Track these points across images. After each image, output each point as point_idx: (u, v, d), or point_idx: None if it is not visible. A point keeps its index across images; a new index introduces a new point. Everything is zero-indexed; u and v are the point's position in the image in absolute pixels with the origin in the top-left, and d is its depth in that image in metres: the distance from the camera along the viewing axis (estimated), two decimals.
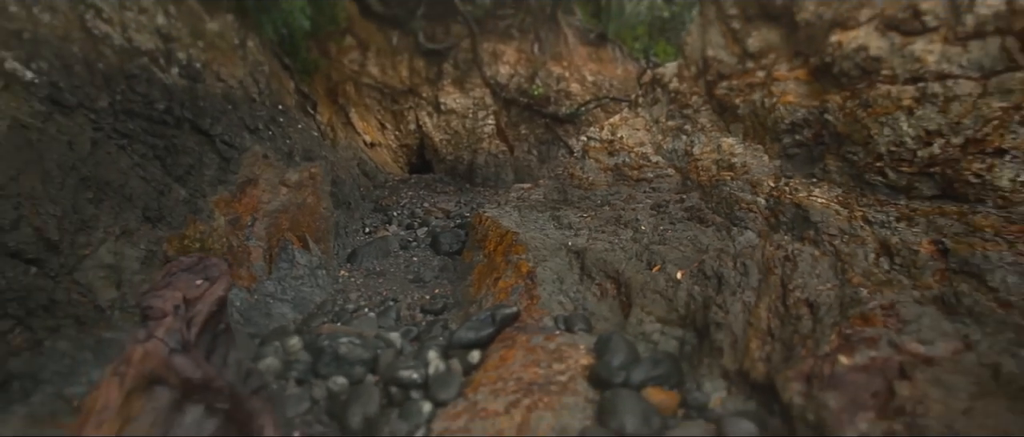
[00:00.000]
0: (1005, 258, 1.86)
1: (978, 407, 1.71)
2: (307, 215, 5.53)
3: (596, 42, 9.69)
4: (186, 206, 4.16)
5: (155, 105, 4.08)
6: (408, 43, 9.42)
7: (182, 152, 4.28)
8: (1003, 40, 2.12)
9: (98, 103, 3.62)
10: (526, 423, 2.27)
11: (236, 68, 5.28)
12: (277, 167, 5.25)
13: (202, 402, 1.96)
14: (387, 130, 9.58)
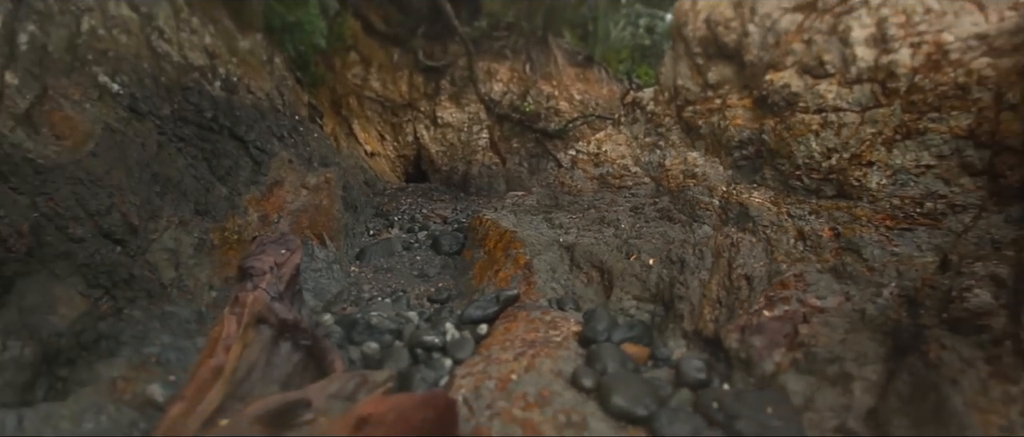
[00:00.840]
0: (873, 237, 2.67)
1: (850, 338, 2.50)
2: (323, 215, 6.21)
3: (584, 64, 10.60)
4: (226, 202, 4.82)
5: (204, 113, 4.77)
6: (408, 60, 10.21)
7: (223, 155, 4.96)
8: (872, 86, 2.97)
9: (162, 111, 4.30)
10: (532, 366, 3.00)
11: (264, 82, 5.99)
12: (299, 171, 5.93)
13: (291, 339, 2.66)
14: (386, 141, 10.30)
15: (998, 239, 2.18)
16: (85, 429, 2.62)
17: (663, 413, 2.47)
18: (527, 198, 6.03)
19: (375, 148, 10.08)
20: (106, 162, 3.65)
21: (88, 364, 3.25)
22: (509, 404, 2.65)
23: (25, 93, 3.37)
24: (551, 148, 9.47)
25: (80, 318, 3.35)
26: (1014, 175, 2.33)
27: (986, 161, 2.50)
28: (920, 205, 2.63)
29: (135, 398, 3.00)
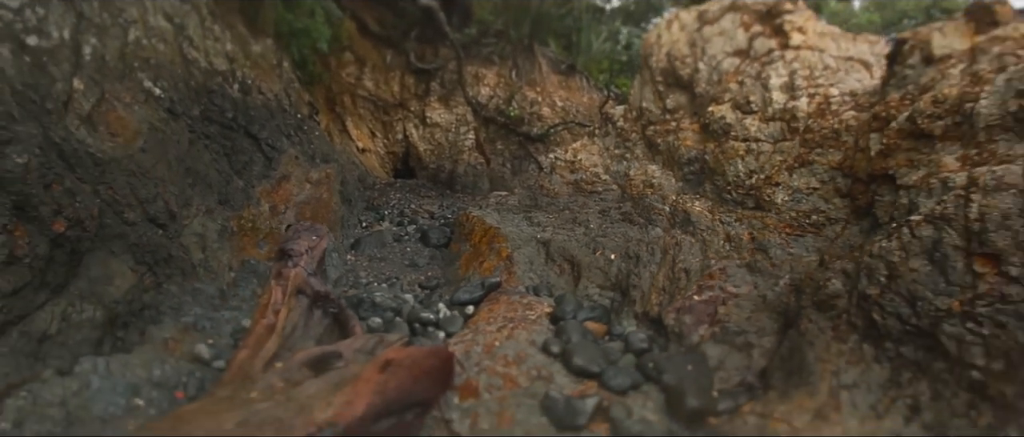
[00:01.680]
0: (777, 241, 3.53)
1: (754, 316, 3.36)
2: (323, 207, 6.90)
3: (566, 72, 11.43)
4: (243, 194, 5.50)
5: (225, 114, 5.43)
6: (400, 62, 10.90)
7: (240, 151, 5.63)
8: (781, 124, 3.84)
9: (192, 112, 4.96)
10: (511, 336, 3.79)
11: (274, 84, 6.65)
12: (303, 166, 6.61)
13: (322, 307, 3.40)
14: (377, 138, 10.98)
15: (852, 244, 3.04)
16: (153, 376, 3.32)
17: (610, 369, 3.30)
18: (509, 198, 6.82)
19: (366, 145, 10.75)
20: (152, 157, 4.31)
21: (139, 328, 3.93)
22: (493, 363, 3.45)
23: (89, 97, 4.02)
24: (533, 151, 10.27)
25: (130, 289, 4.02)
26: (863, 198, 3.20)
27: (849, 187, 3.37)
28: (809, 217, 3.49)
29: (185, 354, 3.71)
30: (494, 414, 3.05)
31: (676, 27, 5.02)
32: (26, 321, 3.21)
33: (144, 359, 3.44)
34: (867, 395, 2.49)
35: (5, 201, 3.08)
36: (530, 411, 3.05)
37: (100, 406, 2.96)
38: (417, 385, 2.80)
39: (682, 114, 4.79)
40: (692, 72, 4.69)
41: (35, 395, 2.80)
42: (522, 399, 3.15)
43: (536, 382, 3.29)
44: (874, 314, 2.54)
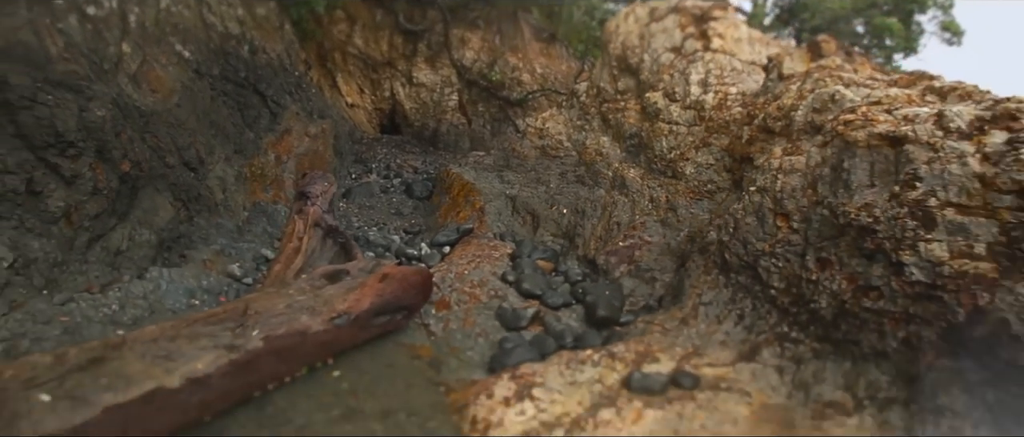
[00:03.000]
0: (684, 203, 4.73)
1: (660, 259, 4.60)
2: (319, 159, 7.92)
3: (548, 40, 12.31)
4: (253, 145, 6.50)
5: (239, 73, 6.36)
6: (390, 21, 11.64)
7: (250, 107, 6.58)
8: (694, 112, 4.98)
9: (213, 71, 5.90)
10: (478, 267, 4.98)
11: (276, 44, 7.52)
12: (303, 121, 7.58)
13: (332, 238, 4.53)
14: (365, 94, 11.84)
15: (708, 209, 4.24)
16: (202, 285, 4.46)
17: (550, 292, 4.53)
18: (486, 158, 7.92)
19: (355, 100, 11.63)
20: (185, 111, 5.29)
21: (178, 251, 5.02)
22: (462, 285, 4.65)
23: (135, 58, 4.96)
24: (512, 115, 11.27)
25: (171, 220, 5.08)
26: (737, 173, 4.41)
27: (730, 164, 4.56)
28: (706, 186, 4.67)
29: (221, 272, 4.83)
30: (460, 319, 4.27)
31: (631, 19, 6.05)
32: (104, 239, 4.29)
33: (193, 272, 4.57)
34: (715, 308, 3.75)
35: (91, 145, 4.09)
36: (487, 318, 4.28)
37: (170, 302, 4.10)
38: (405, 293, 3.98)
39: (629, 96, 5.88)
40: (639, 61, 5.76)
41: (127, 291, 3.92)
42: (482, 310, 4.37)
43: (493, 299, 4.51)
44: (725, 254, 3.78)
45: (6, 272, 3.51)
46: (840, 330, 2.96)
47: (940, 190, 2.51)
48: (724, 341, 3.54)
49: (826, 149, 3.19)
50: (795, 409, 2.94)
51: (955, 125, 2.60)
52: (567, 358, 3.36)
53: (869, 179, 2.89)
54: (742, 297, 3.64)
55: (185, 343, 2.81)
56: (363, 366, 3.52)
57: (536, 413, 2.79)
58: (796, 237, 3.27)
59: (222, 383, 2.75)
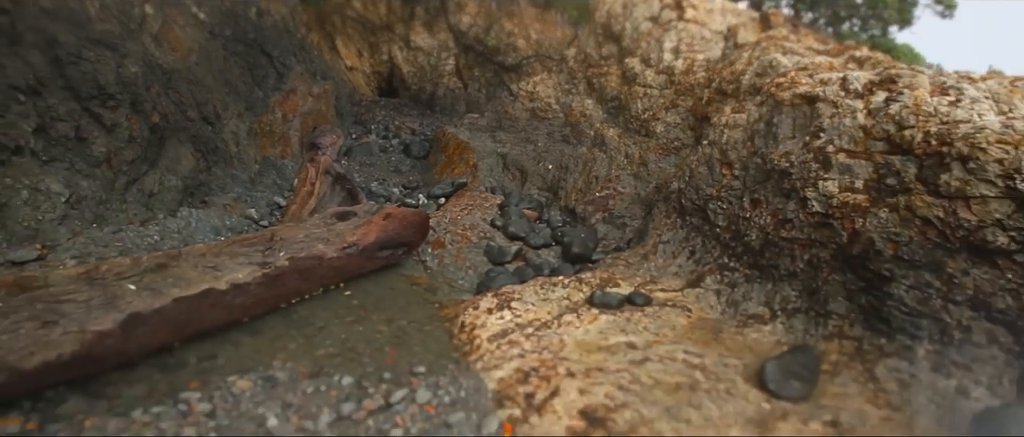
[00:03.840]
0: (654, 158, 5.39)
1: (630, 207, 5.28)
2: (321, 118, 8.50)
3: (543, 6, 12.70)
4: (262, 103, 7.09)
5: (248, 35, 6.90)
6: None
7: (258, 67, 7.14)
8: (666, 77, 5.59)
9: (225, 32, 6.44)
10: (470, 214, 5.67)
11: (281, 7, 8.01)
12: (307, 82, 8.14)
13: (340, 184, 5.20)
14: (363, 58, 12.31)
15: (674, 163, 4.89)
16: (226, 224, 5.13)
17: (532, 234, 5.23)
18: (480, 120, 8.53)
19: (354, 63, 12.11)
20: (202, 69, 5.87)
21: (201, 197, 5.67)
22: (455, 228, 5.34)
23: (156, 19, 5.51)
24: (506, 79, 11.77)
25: (192, 169, 5.72)
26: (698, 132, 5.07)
27: (693, 123, 5.19)
28: (673, 143, 5.32)
29: (240, 214, 5.50)
30: (453, 256, 4.98)
31: None
32: (138, 182, 4.94)
33: (217, 214, 5.24)
34: (672, 246, 4.46)
35: (126, 98, 4.71)
36: (477, 254, 4.99)
37: (199, 237, 4.78)
38: (405, 231, 4.67)
39: (612, 61, 6.46)
40: (621, 29, 6.32)
41: (164, 226, 4.60)
42: (472, 248, 5.07)
43: (483, 240, 5.22)
44: (682, 200, 4.46)
45: (64, 206, 4.17)
46: (765, 257, 3.67)
47: (836, 139, 3.16)
48: (677, 272, 4.26)
49: (762, 107, 3.83)
50: (725, 321, 3.66)
51: (853, 87, 3.24)
52: (542, 282, 4.08)
53: (792, 132, 3.54)
54: (693, 236, 4.34)
55: (227, 259, 3.50)
56: (370, 289, 4.23)
57: (512, 318, 3.51)
58: (737, 183, 3.95)
59: (257, 291, 3.45)
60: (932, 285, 2.79)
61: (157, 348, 2.90)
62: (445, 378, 2.82)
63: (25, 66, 4.00)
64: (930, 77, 3.02)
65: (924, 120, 2.77)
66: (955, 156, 2.59)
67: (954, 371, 2.74)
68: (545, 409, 2.40)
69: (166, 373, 2.80)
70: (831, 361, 3.04)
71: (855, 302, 3.11)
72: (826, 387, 2.88)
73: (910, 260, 2.83)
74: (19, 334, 2.25)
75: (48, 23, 4.20)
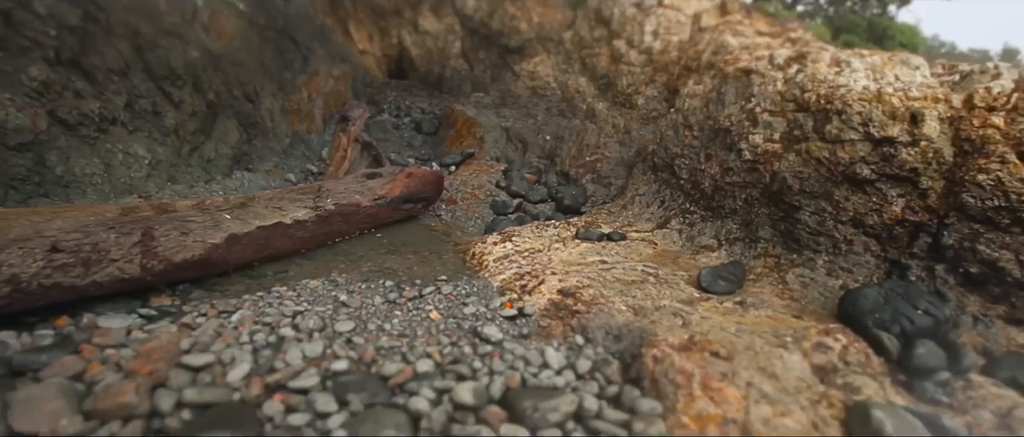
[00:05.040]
0: (636, 126, 6.39)
1: (615, 168, 6.32)
2: (340, 98, 9.54)
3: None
4: (290, 83, 8.14)
5: (277, 22, 7.94)
6: None
7: (287, 51, 8.18)
8: (645, 55, 6.57)
9: (260, 20, 7.48)
10: (477, 176, 6.72)
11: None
12: (328, 64, 9.18)
13: (367, 151, 6.27)
14: (374, 41, 13.30)
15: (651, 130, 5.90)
16: (271, 185, 6.21)
17: (530, 192, 6.29)
18: (485, 98, 9.55)
19: (365, 47, 13.11)
20: (243, 54, 6.93)
21: (245, 165, 6.76)
22: (465, 188, 6.40)
23: (206, 11, 6.56)
24: (510, 61, 12.74)
25: (237, 141, 6.80)
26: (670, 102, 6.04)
27: (667, 96, 6.17)
28: (651, 114, 6.31)
29: (281, 179, 6.58)
30: (464, 209, 6.05)
31: None
32: (199, 150, 6.02)
33: (262, 177, 6.33)
34: (646, 197, 5.50)
35: (189, 79, 5.77)
36: (483, 208, 6.05)
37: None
38: (424, 188, 5.73)
39: (602, 43, 7.44)
40: (610, 13, 7.29)
41: (224, 184, 5.69)
42: (480, 204, 6.14)
43: (488, 197, 6.28)
44: (655, 159, 5.49)
45: (147, 167, 5.26)
46: (715, 200, 4.71)
47: (762, 102, 4.16)
48: (649, 218, 5.30)
49: (714, 80, 4.83)
50: (682, 251, 4.71)
51: (777, 61, 4.23)
52: (538, 224, 5.15)
53: (734, 98, 4.54)
54: (663, 188, 5.38)
55: (288, 202, 4.57)
56: (396, 233, 5.31)
57: (512, 247, 4.58)
58: (695, 142, 4.97)
59: (312, 227, 4.53)
60: (826, 210, 3.83)
61: (244, 264, 3.99)
62: (461, 282, 3.90)
63: (117, 53, 5.07)
64: (831, 54, 4.00)
65: (817, 85, 3.77)
66: (833, 111, 3.60)
67: (840, 273, 3.78)
68: (534, 292, 3.48)
69: (254, 280, 3.89)
70: (756, 273, 4.10)
71: (776, 228, 4.16)
72: (747, 288, 3.93)
73: (810, 192, 3.86)
74: (169, 238, 3.34)
75: (131, 16, 5.26)
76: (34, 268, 2.67)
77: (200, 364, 2.40)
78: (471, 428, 2.05)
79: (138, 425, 2.04)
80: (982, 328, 3.17)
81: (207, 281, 3.73)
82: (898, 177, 3.45)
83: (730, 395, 2.30)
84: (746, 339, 2.87)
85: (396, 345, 2.78)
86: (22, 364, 2.32)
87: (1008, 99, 3.12)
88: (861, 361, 2.85)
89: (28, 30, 4.15)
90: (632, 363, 2.67)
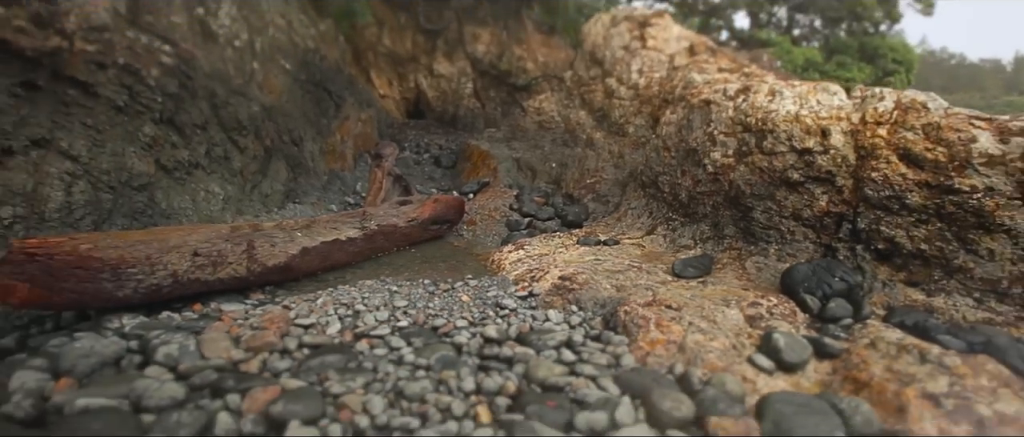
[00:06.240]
0: (629, 151, 7.55)
1: (611, 188, 7.47)
2: (367, 139, 10.90)
3: (548, 32, 15.08)
4: (326, 128, 9.51)
5: (315, 76, 9.36)
6: (412, 23, 14.57)
7: (322, 100, 9.58)
8: (634, 91, 7.77)
9: (301, 76, 8.90)
10: (493, 201, 7.91)
11: (334, 52, 10.51)
12: (356, 110, 10.57)
13: (398, 183, 7.52)
14: (393, 86, 14.81)
15: (640, 154, 7.04)
16: (316, 212, 7.46)
17: (539, 212, 7.46)
18: (497, 133, 10.84)
19: (386, 91, 14.61)
20: (290, 106, 8.30)
21: (293, 199, 8.04)
22: (483, 211, 7.59)
23: (260, 72, 7.96)
24: (518, 98, 14.11)
25: (286, 180, 8.10)
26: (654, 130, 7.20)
27: (651, 124, 7.34)
28: (640, 140, 7.47)
29: (325, 209, 7.84)
30: (483, 229, 7.22)
31: (599, 25, 8.83)
32: (258, 188, 7.31)
33: (310, 209, 7.59)
34: (636, 210, 6.62)
35: (251, 129, 7.11)
36: (499, 226, 7.22)
37: None
38: (448, 211, 6.92)
39: (597, 80, 8.69)
40: (603, 55, 8.55)
41: (281, 214, 6.95)
42: (496, 223, 7.31)
43: (503, 217, 7.45)
44: (643, 178, 6.63)
45: (221, 201, 6.54)
46: (690, 207, 5.82)
47: (719, 125, 5.30)
48: (639, 227, 6.42)
49: (685, 109, 5.99)
50: (666, 251, 5.80)
51: (729, 93, 5.38)
52: (545, 236, 6.29)
53: (699, 124, 5.69)
54: (650, 201, 6.51)
55: (341, 224, 5.78)
56: (427, 249, 6.48)
57: (524, 253, 5.72)
58: (673, 161, 6.12)
59: (361, 243, 5.72)
60: (772, 208, 4.92)
61: (311, 271, 5.17)
62: (484, 278, 5.03)
63: (199, 111, 6.41)
64: (769, 85, 5.15)
65: (756, 111, 4.91)
66: (768, 130, 4.73)
67: (787, 258, 4.84)
68: (541, 280, 4.60)
69: (321, 283, 5.06)
70: (722, 263, 5.17)
71: (737, 226, 5.24)
72: (714, 274, 5.00)
73: (759, 194, 4.97)
74: (263, 248, 4.54)
75: (209, 81, 6.63)
76: (185, 266, 3.88)
77: (307, 324, 3.56)
78: (494, 350, 3.16)
79: (276, 356, 3.18)
80: (888, 290, 4.21)
81: (286, 284, 4.92)
82: (819, 178, 4.55)
83: (675, 329, 3.38)
84: (698, 301, 3.96)
85: (439, 314, 3.91)
86: (190, 328, 3.48)
87: (890, 116, 4.23)
88: (785, 314, 3.90)
89: (143, 98, 5.48)
90: (610, 318, 3.77)
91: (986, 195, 3.73)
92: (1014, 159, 3.64)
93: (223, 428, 2.40)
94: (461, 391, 2.71)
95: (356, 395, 2.65)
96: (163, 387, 2.62)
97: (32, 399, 2.57)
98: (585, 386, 2.74)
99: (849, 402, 2.56)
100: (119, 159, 5.20)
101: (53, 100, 4.70)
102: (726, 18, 21.17)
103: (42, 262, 3.15)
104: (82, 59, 4.87)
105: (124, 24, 5.44)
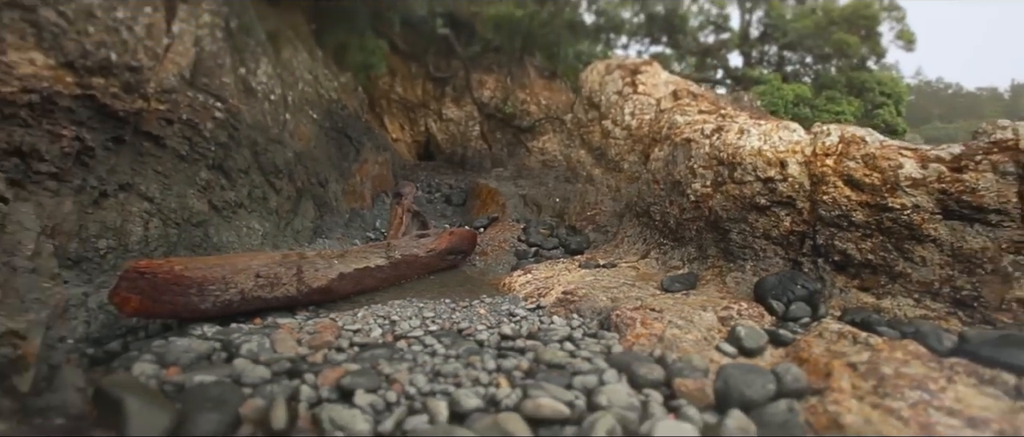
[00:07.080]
0: (624, 185, 8.45)
1: (610, 219, 8.35)
2: (384, 180, 11.89)
3: (549, 77, 16.29)
4: (347, 171, 10.50)
5: (338, 124, 10.42)
6: (422, 71, 15.81)
7: (344, 146, 10.61)
8: (627, 131, 8.74)
9: (326, 124, 9.95)
10: (503, 234, 8.79)
11: (353, 101, 11.62)
12: (373, 153, 11.59)
13: (416, 218, 8.43)
14: (405, 130, 15.94)
15: (635, 188, 7.95)
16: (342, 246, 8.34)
17: (545, 242, 8.33)
18: (504, 172, 11.81)
19: (398, 135, 15.72)
20: (318, 151, 9.31)
21: (321, 234, 8.94)
22: (494, 243, 8.46)
23: (292, 123, 9.00)
24: (523, 138, 15.18)
25: (314, 218, 9.02)
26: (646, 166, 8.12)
27: (644, 160, 8.25)
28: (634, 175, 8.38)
29: (349, 243, 8.72)
30: (493, 259, 8.07)
31: (595, 73, 9.88)
32: (290, 225, 8.23)
33: (336, 243, 8.49)
34: (632, 237, 7.47)
35: (286, 172, 8.08)
36: (509, 256, 8.08)
37: None
38: (463, 243, 7.79)
39: (595, 122, 9.68)
40: (599, 100, 9.57)
41: (312, 247, 7.84)
42: (506, 253, 8.17)
43: (512, 248, 8.31)
44: (637, 208, 7.50)
45: (260, 237, 7.44)
46: (678, 232, 6.66)
47: (698, 160, 6.19)
48: (635, 252, 7.25)
49: (670, 147, 6.91)
50: (658, 272, 6.61)
51: (706, 131, 6.30)
52: (551, 261, 7.13)
53: (682, 159, 6.60)
54: (644, 229, 7.36)
55: (370, 253, 6.65)
56: (445, 277, 7.33)
57: (532, 277, 6.54)
58: (662, 192, 7.00)
59: (388, 270, 6.58)
60: (746, 229, 5.76)
61: (346, 294, 6.01)
62: (497, 297, 5.86)
63: (243, 158, 7.39)
64: (739, 125, 6.06)
65: (727, 147, 5.82)
66: (737, 163, 5.62)
67: (761, 273, 5.65)
68: (547, 296, 5.42)
69: (354, 305, 5.89)
70: (706, 279, 5.98)
71: (718, 247, 6.07)
72: (698, 289, 5.81)
73: (734, 218, 5.82)
74: (309, 273, 5.40)
75: (251, 131, 7.64)
76: (249, 285, 4.74)
77: (354, 329, 4.39)
78: (510, 343, 3.98)
79: (334, 351, 3.99)
80: (844, 295, 5.00)
81: (326, 304, 5.75)
82: (782, 202, 5.41)
83: (657, 326, 4.19)
84: (678, 306, 4.76)
85: (462, 322, 4.73)
86: (259, 332, 4.31)
87: (836, 147, 5.12)
88: (754, 316, 4.70)
89: (200, 147, 6.46)
90: (605, 321, 4.57)
91: (914, 211, 4.57)
92: (932, 181, 4.50)
93: (306, 396, 3.21)
94: (485, 369, 3.52)
95: (403, 373, 3.46)
96: (255, 369, 3.45)
97: (154, 380, 3.40)
98: (582, 364, 3.54)
99: (783, 367, 3.34)
100: (182, 200, 6.14)
101: (133, 151, 5.68)
102: (721, 58, 22.45)
103: (149, 279, 4.03)
104: (156, 117, 5.87)
105: (186, 86, 6.47)
